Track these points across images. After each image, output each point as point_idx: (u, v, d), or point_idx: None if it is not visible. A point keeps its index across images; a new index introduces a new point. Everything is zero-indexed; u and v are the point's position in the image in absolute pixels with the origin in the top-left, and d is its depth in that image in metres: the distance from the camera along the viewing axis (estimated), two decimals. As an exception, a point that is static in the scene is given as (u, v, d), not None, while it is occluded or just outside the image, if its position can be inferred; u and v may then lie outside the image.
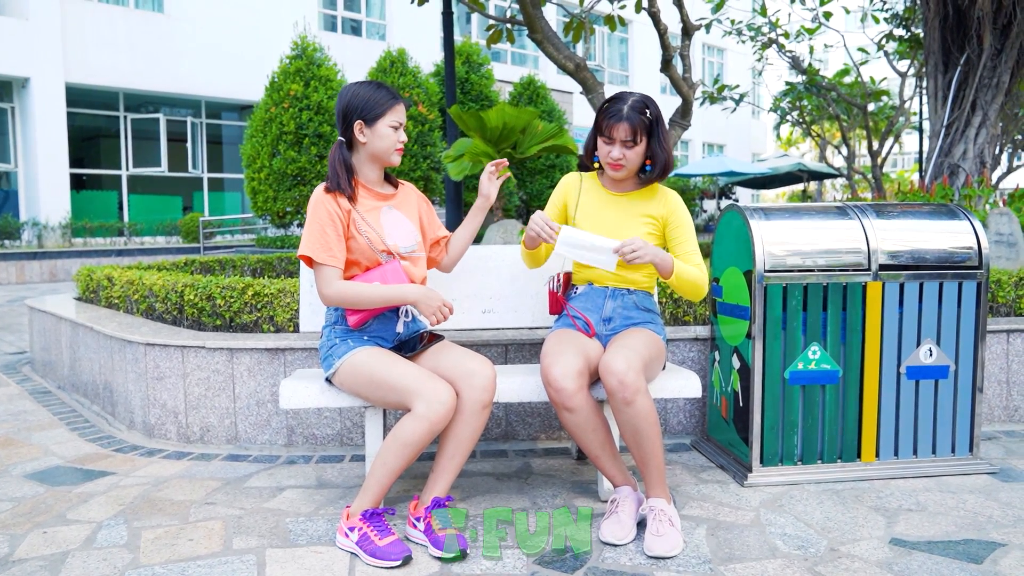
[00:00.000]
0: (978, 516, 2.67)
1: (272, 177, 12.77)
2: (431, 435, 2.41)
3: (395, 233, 2.68)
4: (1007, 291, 4.00)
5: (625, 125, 2.69)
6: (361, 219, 2.61)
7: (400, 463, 2.43)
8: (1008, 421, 3.83)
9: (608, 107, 2.74)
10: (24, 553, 2.45)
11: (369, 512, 2.43)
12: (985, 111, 7.93)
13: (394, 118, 2.63)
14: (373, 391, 2.54)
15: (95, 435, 3.79)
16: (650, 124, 2.72)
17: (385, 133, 2.62)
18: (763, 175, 23.18)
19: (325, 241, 2.55)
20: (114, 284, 4.66)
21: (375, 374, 2.51)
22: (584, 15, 6.70)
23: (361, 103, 2.60)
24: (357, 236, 2.60)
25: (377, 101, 2.61)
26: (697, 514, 2.71)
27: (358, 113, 2.60)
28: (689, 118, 6.22)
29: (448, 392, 2.44)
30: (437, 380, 2.46)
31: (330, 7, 21.26)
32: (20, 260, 14.10)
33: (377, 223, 2.65)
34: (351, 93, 2.62)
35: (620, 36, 28.56)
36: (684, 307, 3.80)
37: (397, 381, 2.47)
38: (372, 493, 2.45)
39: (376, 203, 2.69)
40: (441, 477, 2.54)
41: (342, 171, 2.62)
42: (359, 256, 2.62)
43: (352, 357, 2.57)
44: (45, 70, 16.54)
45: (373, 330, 2.64)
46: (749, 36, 12.57)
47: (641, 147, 2.74)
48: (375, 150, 2.64)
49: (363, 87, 2.64)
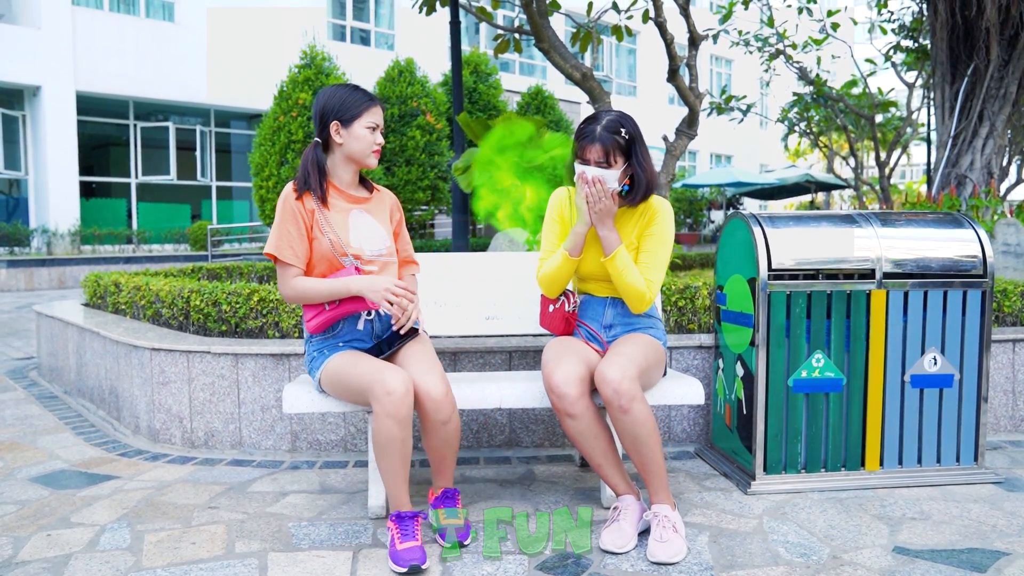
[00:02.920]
0: (982, 525, 2.65)
1: (280, 186, 12.82)
2: (398, 426, 2.36)
3: (362, 236, 2.67)
4: (1013, 301, 3.98)
5: (597, 147, 2.58)
6: (325, 220, 2.61)
7: (390, 462, 2.42)
8: (1014, 431, 3.82)
9: (582, 127, 2.65)
10: (28, 555, 2.46)
11: (397, 514, 2.43)
12: (992, 122, 7.93)
13: (370, 119, 2.63)
14: (348, 394, 2.56)
15: (100, 439, 3.80)
16: (626, 144, 2.60)
17: (361, 134, 2.62)
18: (771, 186, 23.17)
19: (288, 239, 2.57)
20: (121, 290, 4.68)
21: (342, 378, 2.53)
22: (591, 25, 6.73)
23: (337, 104, 2.61)
24: (320, 237, 2.60)
25: (353, 102, 2.61)
26: (700, 521, 2.71)
27: (334, 114, 2.61)
28: (696, 128, 6.23)
29: (397, 380, 2.38)
30: (386, 371, 2.41)
31: (339, 17, 21.38)
32: (29, 267, 14.17)
33: (344, 225, 2.64)
34: (327, 95, 2.64)
35: (628, 47, 28.62)
36: (688, 315, 3.80)
37: (356, 382, 2.47)
38: (391, 496, 2.47)
39: (347, 205, 2.68)
40: (440, 474, 2.64)
41: (313, 171, 2.62)
42: (320, 258, 2.62)
43: (327, 365, 2.60)
44: (56, 78, 16.67)
45: (345, 333, 2.65)
46: (757, 47, 12.59)
47: (617, 170, 2.61)
48: (351, 151, 2.64)
49: (340, 89, 2.65)
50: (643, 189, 2.67)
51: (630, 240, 2.73)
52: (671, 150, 6.14)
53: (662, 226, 2.72)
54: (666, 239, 2.72)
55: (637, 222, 2.75)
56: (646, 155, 2.66)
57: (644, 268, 2.69)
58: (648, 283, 2.67)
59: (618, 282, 2.66)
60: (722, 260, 3.35)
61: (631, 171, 2.66)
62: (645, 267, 2.69)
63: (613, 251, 2.62)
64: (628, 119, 2.65)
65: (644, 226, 2.74)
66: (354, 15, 21.76)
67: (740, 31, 11.92)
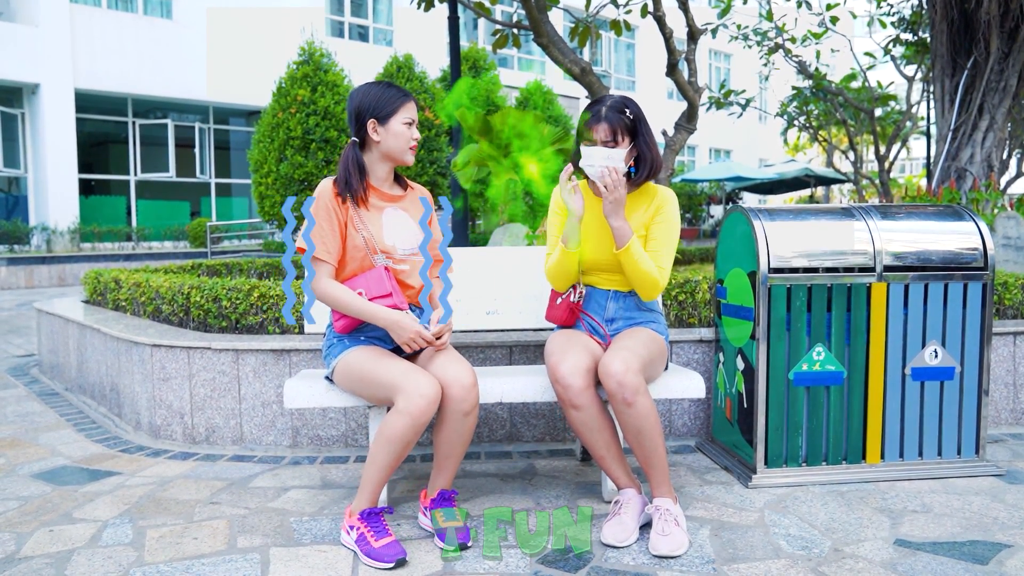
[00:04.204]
0: (984, 518, 2.66)
1: (279, 182, 12.81)
2: (414, 429, 2.37)
3: (395, 234, 2.67)
4: (1014, 293, 3.98)
5: (604, 126, 2.62)
6: (359, 218, 2.61)
7: (388, 459, 2.42)
8: (1015, 424, 3.82)
9: (588, 109, 2.68)
10: (30, 551, 2.46)
11: (367, 512, 2.44)
12: (992, 115, 7.92)
13: (406, 115, 2.63)
14: (364, 388, 2.54)
15: (101, 436, 3.81)
16: (632, 124, 2.65)
17: (399, 131, 2.62)
18: (770, 180, 23.12)
19: (321, 235, 2.57)
20: (121, 287, 4.68)
21: (364, 371, 2.52)
22: (590, 20, 6.71)
23: (373, 102, 2.61)
24: (354, 234, 2.60)
25: (389, 99, 2.61)
26: (701, 515, 2.71)
27: (371, 112, 2.60)
28: (695, 122, 6.21)
29: (430, 385, 2.40)
30: (420, 373, 2.43)
31: (337, 13, 21.34)
32: (29, 264, 14.17)
33: (377, 223, 2.65)
34: (362, 93, 2.63)
35: (627, 42, 28.59)
36: (689, 309, 3.79)
37: (382, 377, 2.46)
38: (367, 492, 2.47)
39: (381, 203, 2.69)
40: (442, 473, 2.60)
41: (355, 171, 2.62)
42: (352, 256, 2.62)
43: (346, 356, 2.59)
44: (54, 76, 16.64)
45: (369, 329, 2.65)
46: (755, 41, 12.56)
47: (624, 148, 2.66)
48: (389, 148, 2.63)
49: (373, 87, 2.64)
50: (648, 168, 2.71)
51: (638, 230, 2.75)
52: (670, 144, 6.13)
53: (670, 215, 2.75)
54: (674, 228, 2.76)
55: (644, 212, 2.76)
56: (650, 135, 2.71)
57: (655, 256, 2.71)
58: (660, 271, 2.69)
59: (633, 271, 2.66)
60: (722, 254, 3.35)
61: (636, 151, 2.69)
62: (656, 255, 2.71)
63: (627, 241, 2.63)
64: (631, 101, 2.71)
65: (652, 215, 2.76)
66: (352, 11, 21.72)
67: (739, 25, 11.89)
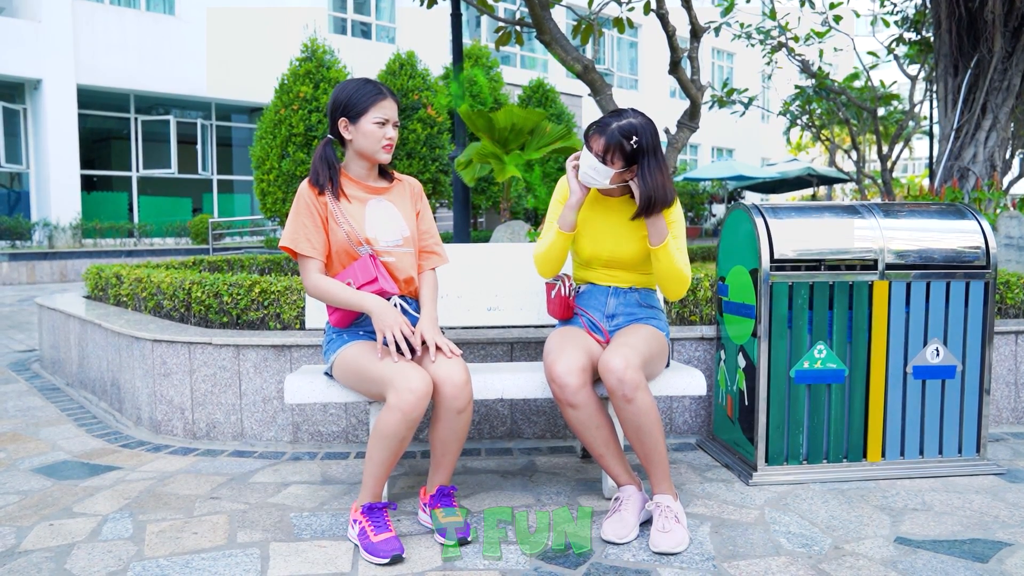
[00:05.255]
0: (984, 516, 2.65)
1: (281, 179, 12.80)
2: (405, 424, 2.35)
3: (377, 226, 2.64)
4: (1016, 293, 3.98)
5: (602, 141, 2.57)
6: (339, 212, 2.60)
7: (384, 455, 2.41)
8: (1016, 423, 3.81)
9: (606, 116, 2.64)
10: (31, 545, 2.46)
11: (368, 506, 2.44)
12: (996, 114, 7.90)
13: (379, 114, 2.57)
14: (360, 383, 2.54)
15: (102, 431, 3.81)
16: (631, 152, 2.56)
17: (369, 130, 2.57)
18: (772, 179, 23.08)
19: (304, 232, 2.56)
20: (122, 282, 4.68)
21: (359, 366, 2.52)
22: (593, 17, 6.71)
23: (345, 100, 2.58)
24: (336, 228, 2.59)
25: (361, 97, 2.56)
26: (702, 512, 2.71)
27: (342, 110, 2.58)
28: (697, 121, 6.20)
29: (419, 380, 2.37)
30: (410, 368, 2.40)
31: (340, 10, 21.33)
32: (31, 260, 14.19)
33: (359, 216, 2.62)
34: (338, 89, 2.61)
35: (629, 40, 28.56)
36: (690, 307, 3.79)
37: (375, 372, 2.46)
38: (367, 487, 2.47)
39: (364, 195, 2.67)
40: (439, 470, 2.59)
41: (322, 167, 2.61)
42: (339, 250, 2.61)
43: (344, 351, 2.59)
44: (56, 72, 16.66)
45: (367, 323, 2.65)
46: (758, 39, 12.55)
47: (615, 169, 2.59)
48: (360, 147, 2.61)
49: (350, 84, 2.60)
50: (646, 203, 2.60)
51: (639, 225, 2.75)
52: (673, 143, 6.12)
53: (679, 215, 2.78)
54: (681, 227, 2.78)
55: None
56: (658, 170, 2.59)
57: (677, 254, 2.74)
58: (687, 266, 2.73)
59: (668, 268, 2.68)
60: (724, 251, 3.34)
61: (634, 179, 2.62)
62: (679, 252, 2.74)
63: (664, 239, 2.64)
64: (645, 130, 2.58)
65: None
66: (355, 8, 21.71)
67: (742, 24, 11.87)
